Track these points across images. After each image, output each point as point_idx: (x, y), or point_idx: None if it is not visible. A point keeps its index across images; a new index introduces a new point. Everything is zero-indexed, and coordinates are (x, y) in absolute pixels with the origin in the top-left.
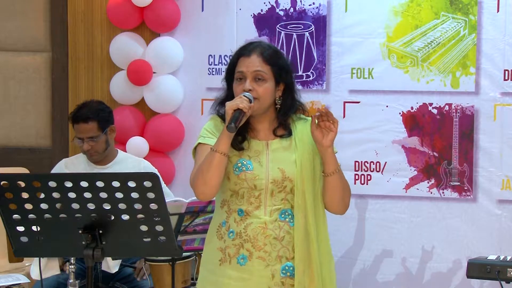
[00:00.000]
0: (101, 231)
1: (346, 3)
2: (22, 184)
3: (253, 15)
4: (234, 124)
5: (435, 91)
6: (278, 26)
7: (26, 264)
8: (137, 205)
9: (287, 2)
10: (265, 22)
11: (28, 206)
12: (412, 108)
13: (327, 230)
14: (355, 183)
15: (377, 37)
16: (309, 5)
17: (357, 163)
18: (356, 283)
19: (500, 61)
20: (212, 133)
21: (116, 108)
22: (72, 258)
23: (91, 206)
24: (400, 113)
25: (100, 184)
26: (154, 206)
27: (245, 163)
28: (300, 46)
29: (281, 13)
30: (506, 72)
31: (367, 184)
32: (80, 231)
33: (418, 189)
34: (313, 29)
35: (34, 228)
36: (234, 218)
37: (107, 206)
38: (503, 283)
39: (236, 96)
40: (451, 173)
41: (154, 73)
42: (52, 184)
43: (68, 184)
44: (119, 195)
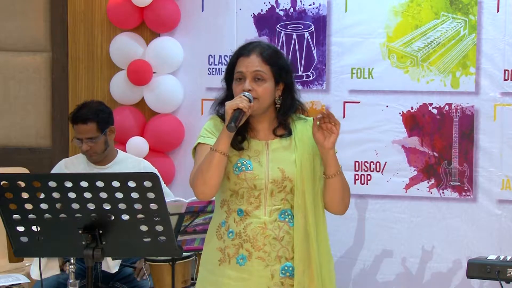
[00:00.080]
0: (101, 231)
1: (346, 3)
2: (22, 184)
3: (253, 15)
4: (234, 124)
5: (435, 91)
6: (278, 26)
7: (26, 264)
8: (137, 205)
9: (287, 2)
10: (265, 22)
11: (28, 206)
12: (412, 108)
13: (327, 230)
14: (355, 183)
15: (377, 37)
16: (309, 5)
17: (357, 163)
18: (356, 283)
19: (500, 61)
20: (212, 133)
21: (116, 108)
22: (72, 258)
23: (91, 206)
24: (400, 113)
25: (100, 184)
26: (154, 206)
27: (245, 163)
28: (300, 46)
29: (281, 13)
30: (506, 72)
31: (367, 184)
32: (80, 231)
33: (418, 189)
34: (313, 29)
35: (34, 228)
36: (234, 218)
37: (107, 206)
38: (503, 283)
39: (236, 96)
40: (451, 173)
41: (154, 73)
42: (52, 184)
43: (68, 184)
44: (119, 195)
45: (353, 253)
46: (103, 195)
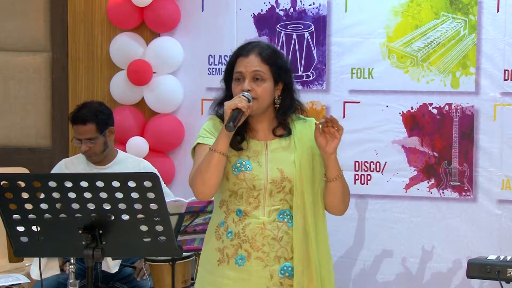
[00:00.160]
0: (101, 231)
1: (346, 3)
2: (22, 184)
3: (253, 15)
4: (233, 124)
5: (435, 91)
6: (278, 26)
7: (26, 264)
8: (137, 205)
9: (287, 2)
10: (265, 22)
11: (28, 206)
12: (412, 108)
13: (327, 230)
14: (355, 183)
15: (377, 37)
16: (309, 5)
17: (357, 163)
18: (356, 283)
19: (500, 61)
20: (211, 133)
21: (116, 108)
22: (72, 258)
23: (91, 206)
24: (400, 113)
25: (100, 184)
26: (154, 206)
27: (244, 163)
28: (300, 46)
29: (281, 13)
30: (506, 72)
31: (367, 184)
32: (80, 231)
33: (418, 189)
34: (313, 29)
35: (34, 228)
36: (233, 218)
37: (107, 206)
38: (503, 283)
39: (235, 96)
40: (451, 173)
41: (154, 73)
42: (52, 184)
43: (68, 184)
44: (119, 195)
45: (353, 253)
46: (103, 195)
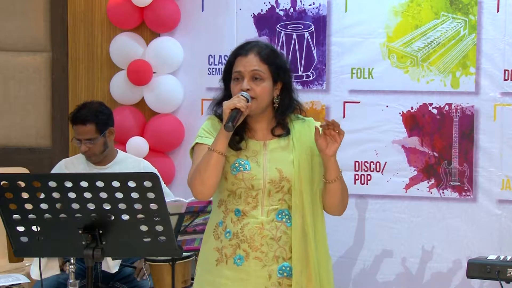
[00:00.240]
0: (101, 231)
1: (346, 3)
2: (22, 184)
3: (253, 15)
4: (232, 123)
5: (435, 91)
6: (278, 26)
7: (26, 264)
8: (137, 205)
9: (287, 2)
10: (265, 22)
11: (28, 206)
12: (412, 108)
13: (325, 230)
14: (355, 183)
15: (377, 37)
16: (309, 5)
17: (357, 163)
18: (356, 283)
19: (500, 61)
20: (210, 133)
21: (116, 108)
22: (72, 258)
23: (91, 206)
24: (400, 113)
25: (100, 184)
26: (154, 206)
27: (243, 163)
28: (300, 46)
29: (281, 13)
30: (506, 72)
31: (367, 184)
32: (80, 231)
33: (418, 189)
34: (313, 29)
35: (34, 228)
36: (231, 218)
37: (107, 206)
38: (503, 283)
39: (234, 96)
40: (451, 173)
41: (154, 73)
42: (52, 184)
43: (68, 184)
44: (119, 195)
45: (353, 253)
46: (103, 195)
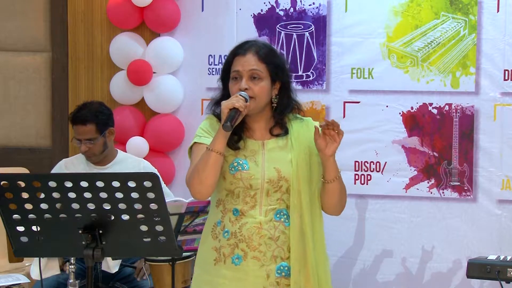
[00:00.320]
0: (101, 231)
1: (346, 3)
2: (22, 184)
3: (253, 15)
4: (230, 123)
5: (435, 91)
6: (278, 26)
7: (26, 264)
8: (137, 205)
9: (287, 2)
10: (265, 22)
11: (28, 206)
12: (412, 108)
13: (323, 230)
14: (355, 183)
15: (377, 37)
16: (309, 5)
17: (357, 163)
18: (356, 283)
19: (500, 61)
20: (208, 133)
21: (116, 108)
22: (72, 258)
23: (91, 206)
24: (400, 113)
25: (100, 184)
26: (154, 206)
27: (241, 163)
28: (300, 46)
29: (281, 13)
30: (506, 72)
31: (367, 184)
32: (80, 231)
33: (418, 189)
34: (313, 29)
35: (34, 228)
36: (229, 218)
37: (107, 206)
38: (503, 283)
39: (232, 96)
40: (451, 173)
41: (154, 73)
42: (52, 184)
43: (68, 184)
44: (119, 195)
45: (353, 253)
46: (103, 195)
